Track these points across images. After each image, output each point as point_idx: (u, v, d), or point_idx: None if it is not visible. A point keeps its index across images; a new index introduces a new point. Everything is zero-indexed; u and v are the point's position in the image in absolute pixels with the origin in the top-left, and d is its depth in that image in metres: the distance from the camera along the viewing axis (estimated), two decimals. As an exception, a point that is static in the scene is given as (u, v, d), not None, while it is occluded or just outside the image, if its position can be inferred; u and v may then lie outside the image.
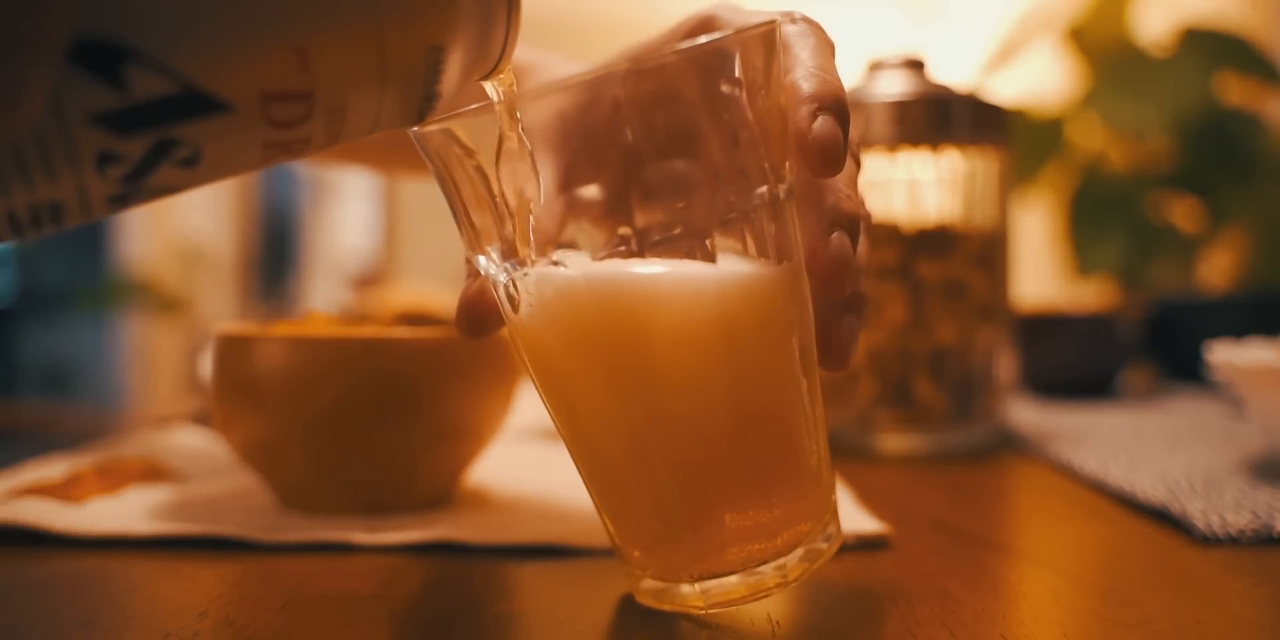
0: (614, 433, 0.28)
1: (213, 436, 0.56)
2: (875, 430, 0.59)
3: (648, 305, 0.26)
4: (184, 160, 0.21)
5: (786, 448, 0.28)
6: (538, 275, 0.27)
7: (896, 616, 0.28)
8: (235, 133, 0.21)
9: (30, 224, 0.21)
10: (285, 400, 0.38)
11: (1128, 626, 0.28)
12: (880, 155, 0.60)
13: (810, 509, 0.29)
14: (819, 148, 0.27)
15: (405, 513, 0.40)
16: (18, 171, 0.19)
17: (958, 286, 0.59)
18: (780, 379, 0.28)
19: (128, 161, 0.20)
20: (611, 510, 0.29)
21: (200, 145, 0.21)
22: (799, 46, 0.29)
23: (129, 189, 0.21)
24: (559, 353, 0.28)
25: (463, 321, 0.32)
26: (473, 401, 0.40)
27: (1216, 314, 0.94)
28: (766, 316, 0.28)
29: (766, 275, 0.28)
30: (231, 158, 0.22)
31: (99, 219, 0.22)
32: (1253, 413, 0.50)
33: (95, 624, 0.28)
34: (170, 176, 0.22)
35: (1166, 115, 1.52)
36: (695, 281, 0.27)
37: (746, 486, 0.28)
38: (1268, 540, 0.37)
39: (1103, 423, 0.68)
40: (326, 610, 0.29)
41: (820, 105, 0.27)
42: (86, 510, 0.39)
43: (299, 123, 0.22)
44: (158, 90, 0.20)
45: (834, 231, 0.28)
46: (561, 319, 0.27)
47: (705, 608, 0.28)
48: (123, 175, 0.21)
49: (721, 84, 0.26)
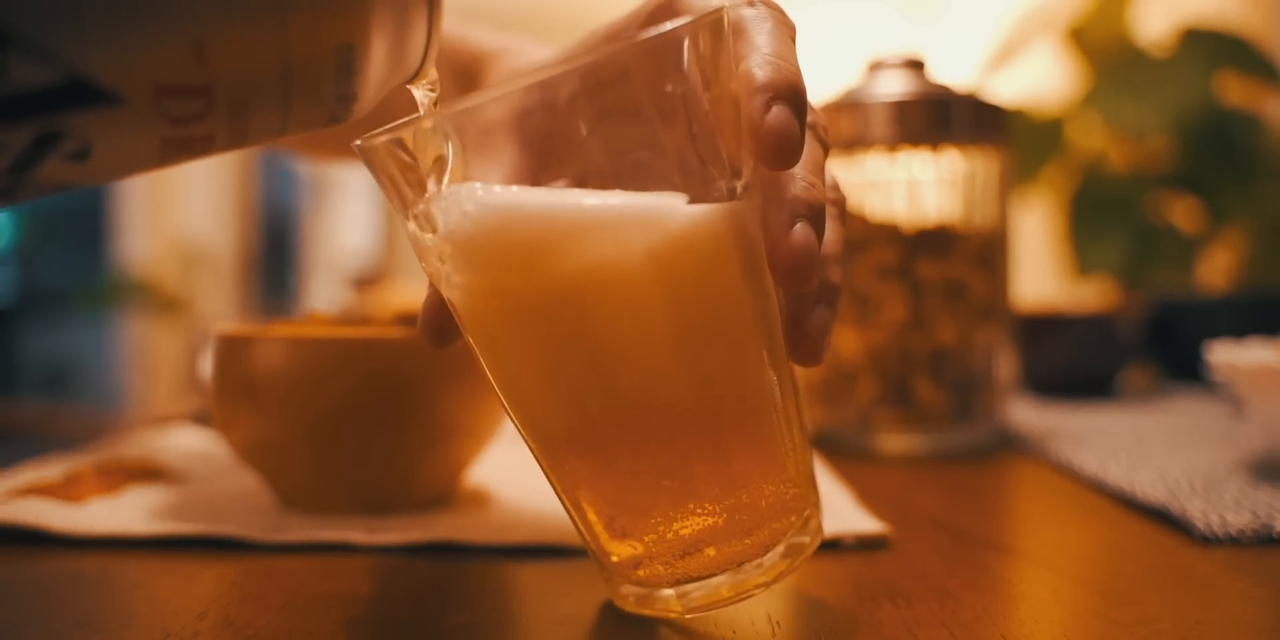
0: (558, 414, 0.27)
1: (213, 436, 0.56)
2: (875, 430, 0.59)
3: (565, 233, 0.24)
4: (73, 154, 0.20)
5: (753, 430, 0.27)
6: (449, 195, 0.25)
7: (896, 616, 0.28)
8: (128, 127, 0.20)
9: None
10: (285, 400, 0.38)
11: (1128, 626, 0.28)
12: (880, 155, 0.60)
13: (787, 500, 0.28)
14: (773, 140, 0.25)
15: (405, 513, 0.40)
16: None
17: (958, 286, 0.59)
18: (737, 350, 0.27)
19: (8, 152, 0.19)
20: (576, 506, 0.28)
21: (90, 139, 0.20)
22: (755, 31, 0.28)
23: (13, 182, 0.20)
24: (484, 305, 0.26)
25: (426, 329, 0.30)
26: (473, 401, 0.40)
27: (1216, 314, 0.94)
28: (713, 267, 0.26)
29: (713, 215, 0.26)
30: (126, 154, 0.21)
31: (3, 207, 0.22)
32: (1253, 413, 0.50)
33: (95, 624, 0.28)
34: (59, 170, 0.21)
35: (1166, 115, 1.52)
36: (620, 209, 0.25)
37: (713, 475, 0.26)
38: (1268, 540, 0.37)
39: (1103, 423, 0.68)
40: (326, 610, 0.29)
41: (774, 94, 0.26)
42: (86, 510, 0.39)
43: (198, 119, 0.21)
44: (40, 78, 0.19)
45: (796, 223, 0.26)
46: (473, 245, 0.25)
47: (684, 612, 0.27)
48: (6, 167, 0.20)
49: (670, 76, 0.25)
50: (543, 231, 0.25)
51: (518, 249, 0.25)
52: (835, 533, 0.36)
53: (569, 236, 0.25)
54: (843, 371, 0.60)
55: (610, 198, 0.25)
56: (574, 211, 0.25)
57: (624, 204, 0.25)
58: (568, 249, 0.25)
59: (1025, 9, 1.84)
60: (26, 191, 0.21)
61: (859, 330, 0.59)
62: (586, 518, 0.28)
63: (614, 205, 0.25)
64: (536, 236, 0.25)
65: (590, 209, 0.25)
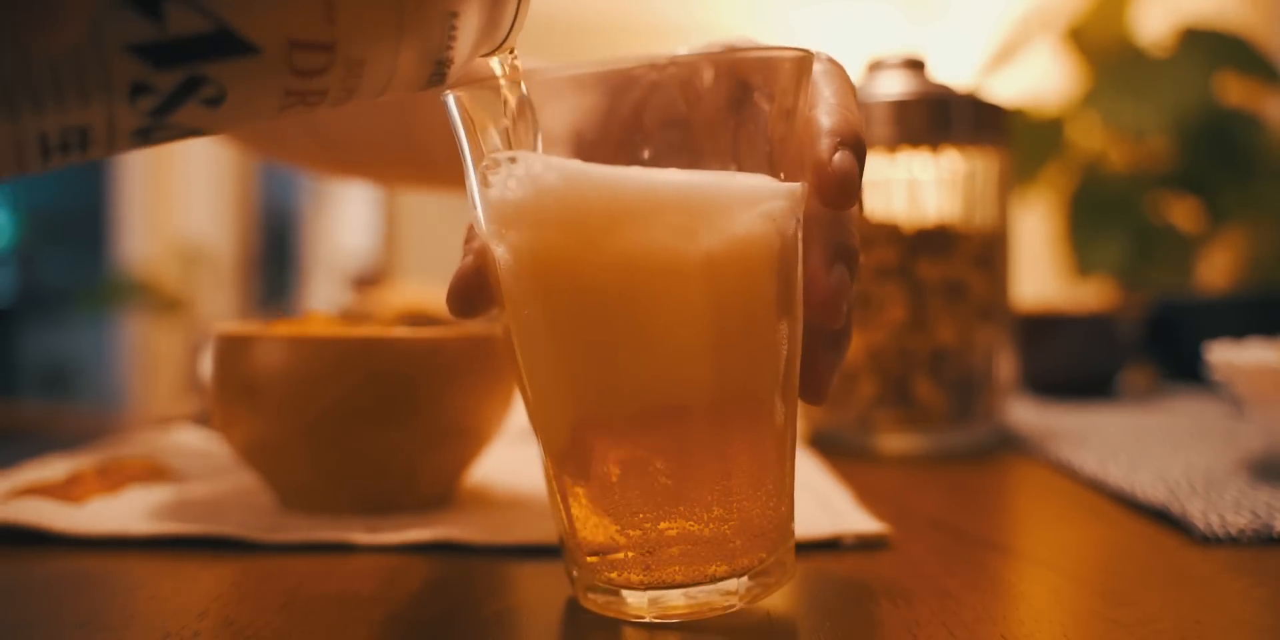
0: (574, 392, 0.27)
1: (213, 436, 0.56)
2: (875, 430, 0.59)
3: (617, 200, 0.25)
4: (209, 99, 0.22)
5: (754, 448, 0.28)
6: (524, 158, 0.26)
7: (896, 616, 0.28)
8: (260, 77, 0.22)
9: (58, 149, 0.22)
10: (285, 400, 0.38)
11: (1128, 626, 0.28)
12: (880, 155, 0.60)
13: (768, 530, 0.28)
14: (836, 180, 0.28)
15: (405, 513, 0.40)
16: (54, 93, 0.20)
17: (958, 286, 0.59)
18: (759, 364, 0.28)
19: (158, 94, 0.21)
20: (567, 491, 0.28)
21: (226, 86, 0.22)
22: (824, 83, 0.30)
23: (154, 123, 0.22)
24: (531, 269, 0.27)
25: (455, 298, 0.31)
26: (473, 401, 0.40)
27: (1216, 314, 0.94)
28: (757, 279, 0.27)
29: (770, 227, 0.27)
30: (252, 102, 0.23)
31: (120, 153, 0.23)
32: (1253, 413, 0.50)
33: (95, 624, 0.28)
34: (194, 115, 0.23)
35: (1166, 115, 1.52)
36: (689, 192, 0.26)
37: (709, 483, 0.27)
38: (1268, 540, 0.37)
39: (1103, 423, 0.68)
40: (326, 610, 0.29)
41: (841, 140, 0.28)
42: (87, 510, 0.39)
43: (319, 73, 0.23)
44: (194, 27, 0.21)
45: (836, 264, 0.29)
46: (537, 207, 0.26)
47: (650, 618, 0.28)
48: (151, 108, 0.22)
49: (755, 95, 0.27)
50: (609, 203, 0.26)
51: (583, 218, 0.26)
52: (835, 533, 0.36)
53: (634, 214, 0.26)
54: (843, 371, 0.60)
55: (688, 176, 0.26)
56: (644, 189, 0.26)
57: (701, 184, 0.26)
58: (629, 226, 0.26)
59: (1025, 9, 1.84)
60: (161, 134, 0.23)
61: (859, 330, 0.59)
62: (572, 508, 0.28)
63: (685, 185, 0.26)
64: (601, 207, 0.26)
65: (663, 188, 0.26)
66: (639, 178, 0.26)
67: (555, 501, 0.29)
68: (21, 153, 0.21)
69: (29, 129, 0.21)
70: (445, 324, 0.45)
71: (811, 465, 0.51)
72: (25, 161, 0.22)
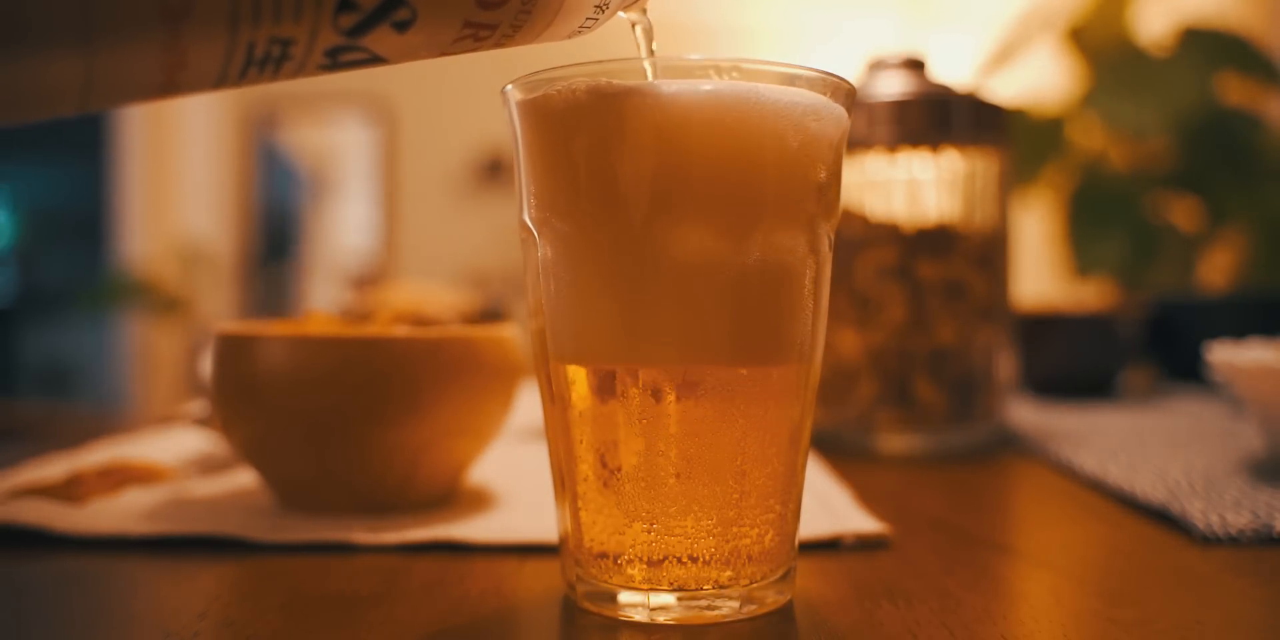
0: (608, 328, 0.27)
1: (213, 436, 0.56)
2: (875, 430, 0.59)
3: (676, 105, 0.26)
4: (400, 22, 0.23)
5: (771, 454, 0.28)
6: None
7: (896, 616, 0.28)
8: (449, 4, 0.23)
9: (258, 62, 0.22)
10: (285, 400, 0.38)
11: (1128, 626, 0.28)
12: (880, 155, 0.60)
13: (774, 546, 0.29)
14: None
15: (405, 513, 0.40)
16: (274, 4, 0.21)
17: (958, 286, 0.59)
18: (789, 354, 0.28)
19: (359, 12, 0.22)
20: (572, 501, 0.29)
21: (418, 9, 0.23)
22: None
23: (347, 43, 0.23)
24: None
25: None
26: (473, 401, 0.40)
27: (1216, 314, 0.94)
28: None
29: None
30: (435, 30, 0.24)
31: (306, 75, 0.24)
32: (1253, 413, 0.50)
33: (95, 624, 0.28)
34: (382, 38, 0.23)
35: (1166, 115, 1.52)
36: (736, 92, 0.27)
37: (723, 482, 0.27)
38: (1268, 540, 0.37)
39: (1103, 423, 0.68)
40: (326, 610, 0.29)
41: None
42: (87, 510, 0.39)
43: (498, 6, 0.24)
44: None
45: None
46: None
47: (647, 620, 0.28)
48: (350, 26, 0.22)
49: (836, 132, 0.29)
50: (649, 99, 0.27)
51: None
52: (835, 532, 0.36)
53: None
54: (843, 371, 0.60)
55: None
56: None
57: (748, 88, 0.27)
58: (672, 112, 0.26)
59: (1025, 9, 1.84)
60: (348, 56, 0.23)
61: (859, 330, 0.59)
62: (579, 509, 0.28)
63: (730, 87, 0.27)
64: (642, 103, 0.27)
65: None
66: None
67: (561, 502, 0.29)
68: (228, 63, 0.21)
69: (242, 39, 0.21)
70: (445, 324, 0.45)
71: (811, 465, 0.51)
72: (227, 73, 0.22)
